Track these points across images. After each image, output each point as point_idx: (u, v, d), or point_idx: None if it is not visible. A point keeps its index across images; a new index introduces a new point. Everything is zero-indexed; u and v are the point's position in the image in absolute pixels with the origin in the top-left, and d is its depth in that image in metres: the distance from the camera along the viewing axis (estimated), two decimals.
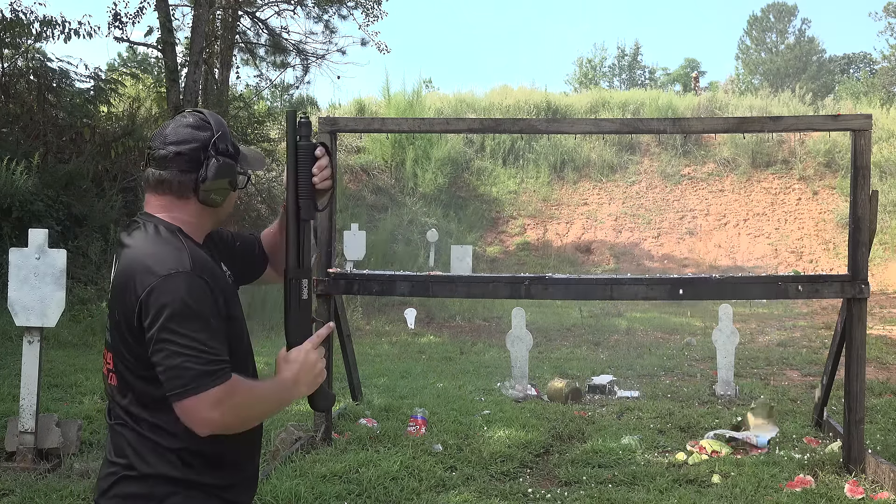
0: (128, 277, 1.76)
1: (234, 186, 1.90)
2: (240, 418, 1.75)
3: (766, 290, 5.26)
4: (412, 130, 10.97)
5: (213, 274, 1.82)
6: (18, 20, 12.27)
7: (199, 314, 1.71)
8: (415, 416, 5.91)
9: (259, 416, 1.84)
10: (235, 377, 1.73)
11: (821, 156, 19.43)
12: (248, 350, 1.97)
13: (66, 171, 11.48)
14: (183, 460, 1.78)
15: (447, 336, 11.05)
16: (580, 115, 21.00)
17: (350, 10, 17.63)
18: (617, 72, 52.56)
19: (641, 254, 17.80)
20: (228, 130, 1.95)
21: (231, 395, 1.70)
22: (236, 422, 1.75)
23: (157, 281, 1.71)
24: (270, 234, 2.15)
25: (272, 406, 1.88)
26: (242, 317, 1.94)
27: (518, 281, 5.33)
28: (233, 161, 1.90)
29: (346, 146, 19.94)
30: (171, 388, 1.68)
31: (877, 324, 11.80)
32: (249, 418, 1.79)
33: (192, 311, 1.70)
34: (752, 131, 6.27)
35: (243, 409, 1.74)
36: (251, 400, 1.77)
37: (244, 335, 1.94)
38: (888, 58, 38.07)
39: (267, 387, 1.82)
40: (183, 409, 1.69)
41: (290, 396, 1.86)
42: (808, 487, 4.53)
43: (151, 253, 1.77)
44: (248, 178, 1.99)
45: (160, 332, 1.69)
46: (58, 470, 4.78)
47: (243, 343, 1.93)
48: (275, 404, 1.88)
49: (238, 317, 1.89)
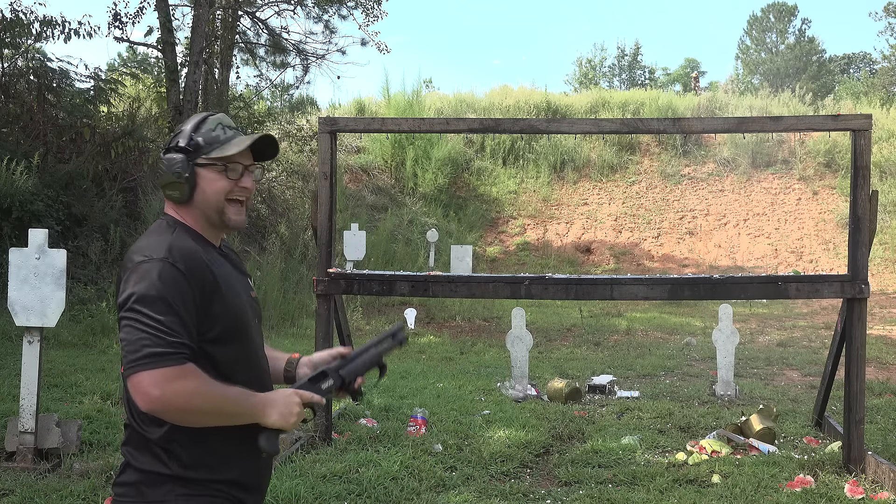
0: (122, 267, 1.87)
1: (181, 177, 1.90)
2: (182, 405, 1.74)
3: (766, 290, 5.26)
4: (412, 130, 10.97)
5: (194, 266, 1.83)
6: (18, 20, 12.27)
7: (163, 298, 1.75)
8: (415, 416, 5.91)
9: (207, 411, 1.78)
10: (192, 366, 1.75)
11: (821, 156, 19.43)
12: (252, 353, 1.97)
13: (66, 171, 11.47)
14: (169, 453, 1.80)
15: (447, 336, 11.05)
16: (580, 115, 21.00)
17: (350, 10, 17.63)
18: (617, 72, 52.58)
19: (641, 254, 17.80)
20: (204, 124, 1.94)
21: (178, 379, 1.72)
22: (177, 407, 1.74)
23: (132, 266, 1.81)
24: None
25: (226, 409, 1.80)
26: (246, 320, 1.95)
27: (518, 281, 5.33)
28: (182, 154, 1.91)
29: (346, 146, 19.94)
30: (125, 363, 1.74)
31: (877, 324, 11.80)
32: (193, 409, 1.76)
33: (157, 294, 1.75)
34: (752, 131, 6.27)
35: (187, 397, 1.73)
36: (201, 392, 1.75)
37: (244, 336, 1.94)
38: (888, 58, 38.07)
39: (230, 392, 1.80)
40: (131, 383, 1.73)
41: (255, 412, 1.83)
42: (808, 487, 4.53)
43: (140, 244, 1.88)
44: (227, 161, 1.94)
45: (126, 311, 1.76)
46: (58, 470, 4.78)
47: (244, 344, 1.94)
48: (230, 409, 1.81)
49: (225, 315, 1.88)
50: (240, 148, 1.93)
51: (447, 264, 13.68)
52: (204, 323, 1.83)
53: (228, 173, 1.93)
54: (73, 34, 12.61)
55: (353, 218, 15.50)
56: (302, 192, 17.12)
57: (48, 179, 11.03)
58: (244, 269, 2.09)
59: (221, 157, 1.92)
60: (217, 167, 1.92)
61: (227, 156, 1.92)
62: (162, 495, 1.80)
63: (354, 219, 15.27)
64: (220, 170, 1.92)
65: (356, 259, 13.17)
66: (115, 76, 15.37)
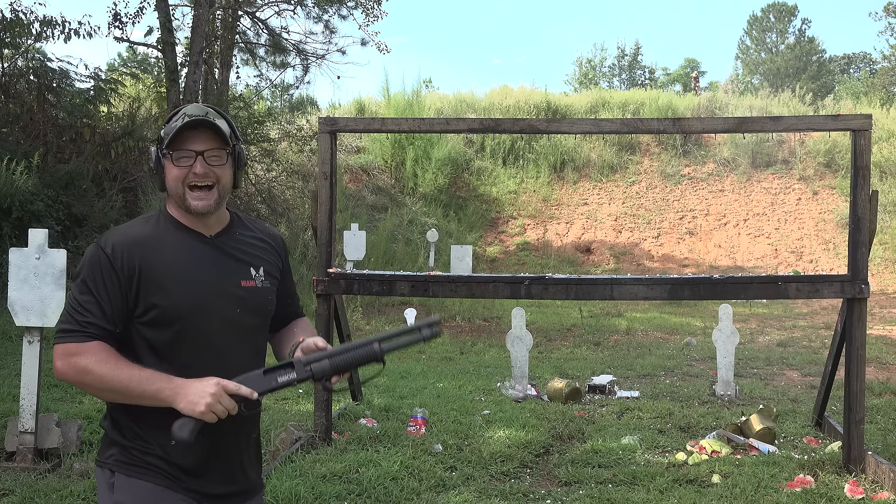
0: None
1: (152, 169, 2.04)
2: (76, 379, 1.89)
3: (766, 291, 5.26)
4: (412, 130, 10.98)
5: (126, 251, 1.93)
6: (18, 20, 12.27)
7: (84, 280, 1.93)
8: (415, 416, 5.91)
9: (100, 388, 1.88)
10: (95, 345, 1.88)
11: (821, 156, 19.43)
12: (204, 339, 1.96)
13: (66, 171, 11.47)
14: (114, 421, 1.97)
15: (447, 336, 11.04)
16: (580, 115, 21.00)
17: (350, 10, 17.63)
18: (617, 72, 52.60)
19: (641, 254, 17.80)
20: (174, 115, 2.00)
21: (75, 355, 1.87)
22: (73, 380, 1.89)
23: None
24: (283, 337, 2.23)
25: (122, 390, 1.86)
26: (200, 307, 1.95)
27: (518, 281, 5.33)
28: (155, 147, 2.03)
29: (346, 146, 19.94)
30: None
31: (877, 324, 11.80)
32: (86, 385, 1.89)
33: (81, 276, 1.94)
34: (752, 131, 6.27)
35: (79, 373, 1.87)
36: (92, 371, 1.86)
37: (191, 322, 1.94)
38: (888, 58, 38.07)
39: (132, 374, 1.86)
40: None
41: (162, 396, 1.85)
42: (808, 487, 4.53)
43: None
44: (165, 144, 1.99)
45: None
46: (58, 470, 4.78)
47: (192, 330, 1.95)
48: (129, 391, 1.86)
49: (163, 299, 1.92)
50: (169, 136, 1.97)
51: (447, 264, 13.68)
52: (137, 305, 1.93)
53: (174, 161, 1.98)
54: (73, 34, 12.61)
55: (353, 218, 15.50)
56: (302, 192, 17.12)
57: (48, 179, 11.03)
58: (248, 259, 2.09)
59: (171, 146, 1.98)
60: (171, 157, 1.98)
61: (174, 144, 1.98)
62: (106, 458, 1.98)
63: (354, 219, 15.27)
64: (172, 159, 1.99)
65: (356, 259, 13.17)
66: (115, 76, 15.38)
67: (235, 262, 2.07)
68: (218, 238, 2.06)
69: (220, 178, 2.01)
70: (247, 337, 2.06)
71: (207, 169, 1.98)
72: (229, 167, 2.04)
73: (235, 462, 2.05)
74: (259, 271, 2.10)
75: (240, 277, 2.06)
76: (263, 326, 2.13)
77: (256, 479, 2.15)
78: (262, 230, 2.20)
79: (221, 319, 2.00)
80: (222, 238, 2.07)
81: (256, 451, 2.17)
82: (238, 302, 2.03)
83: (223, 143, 2.01)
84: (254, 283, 2.08)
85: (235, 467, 2.06)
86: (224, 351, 1.99)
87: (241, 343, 2.04)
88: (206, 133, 1.99)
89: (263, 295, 2.10)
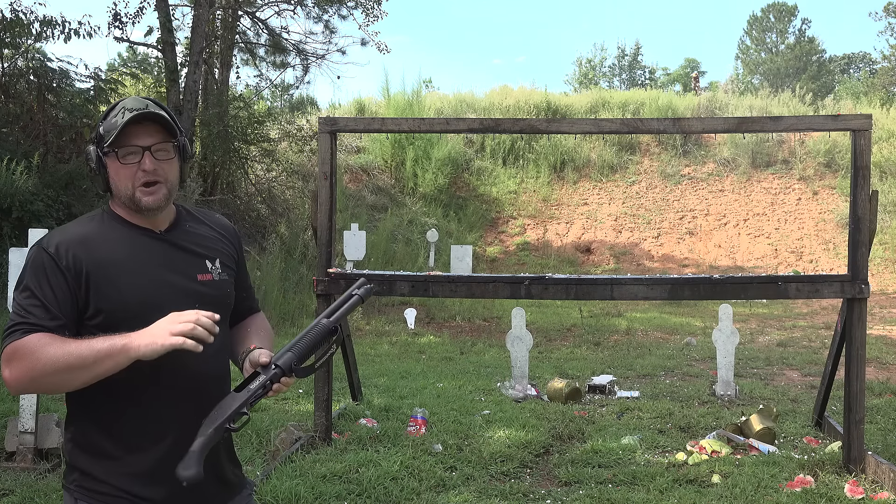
0: None
1: (92, 170, 1.92)
2: (30, 373, 1.71)
3: (766, 290, 5.26)
4: (412, 130, 10.97)
5: (70, 250, 1.81)
6: (18, 20, 12.26)
7: (28, 284, 1.81)
8: (415, 416, 5.91)
9: (58, 367, 1.70)
10: (40, 334, 1.73)
11: (821, 156, 19.43)
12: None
13: (66, 171, 11.47)
14: (76, 442, 1.90)
15: (447, 336, 11.04)
16: (580, 115, 21.00)
17: (350, 10, 17.63)
18: (617, 72, 52.63)
19: (641, 254, 17.80)
20: (111, 111, 1.89)
21: (22, 349, 1.72)
22: (27, 376, 1.72)
23: None
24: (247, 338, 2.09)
25: (79, 357, 1.71)
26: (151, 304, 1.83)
27: (518, 281, 5.33)
28: (93, 146, 1.91)
29: (346, 146, 19.94)
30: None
31: (877, 324, 11.80)
32: (43, 371, 1.71)
33: (25, 280, 1.82)
34: (752, 131, 6.27)
35: (33, 363, 1.71)
36: (46, 353, 1.71)
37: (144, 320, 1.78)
38: (888, 58, 38.08)
39: (83, 342, 1.72)
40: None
41: (116, 347, 1.70)
42: (808, 487, 4.53)
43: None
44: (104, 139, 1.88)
45: None
46: (58, 470, 4.78)
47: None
48: (87, 356, 1.71)
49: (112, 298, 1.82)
50: (114, 133, 1.84)
51: (447, 264, 13.67)
52: (87, 307, 1.81)
53: (121, 159, 1.86)
54: (73, 34, 12.60)
55: (353, 218, 15.49)
56: (302, 192, 17.12)
57: (48, 179, 11.03)
58: (202, 252, 1.99)
59: (115, 144, 1.85)
60: (116, 154, 1.86)
61: (118, 141, 1.85)
62: (70, 481, 1.92)
63: (354, 219, 15.26)
64: (118, 157, 1.86)
65: (356, 259, 13.17)
66: (115, 76, 15.36)
67: (190, 256, 1.97)
68: (168, 233, 1.96)
69: (168, 174, 1.90)
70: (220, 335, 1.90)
71: (156, 164, 1.87)
72: (177, 161, 1.94)
73: (210, 471, 1.83)
74: (215, 263, 2.01)
75: (196, 271, 1.96)
76: (222, 323, 1.92)
77: (236, 481, 2.04)
78: (213, 221, 2.11)
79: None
80: (173, 233, 1.97)
81: (227, 450, 2.02)
82: (196, 297, 1.91)
83: (169, 136, 1.90)
84: (211, 277, 1.98)
85: (211, 477, 1.87)
86: (178, 350, 1.76)
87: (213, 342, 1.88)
88: (151, 126, 1.88)
89: (222, 288, 2.01)
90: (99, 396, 1.84)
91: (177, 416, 1.85)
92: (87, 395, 1.83)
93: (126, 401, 1.84)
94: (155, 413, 1.85)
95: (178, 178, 1.96)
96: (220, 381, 1.96)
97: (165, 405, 1.86)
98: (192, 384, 1.88)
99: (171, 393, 1.86)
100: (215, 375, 1.95)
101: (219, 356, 1.96)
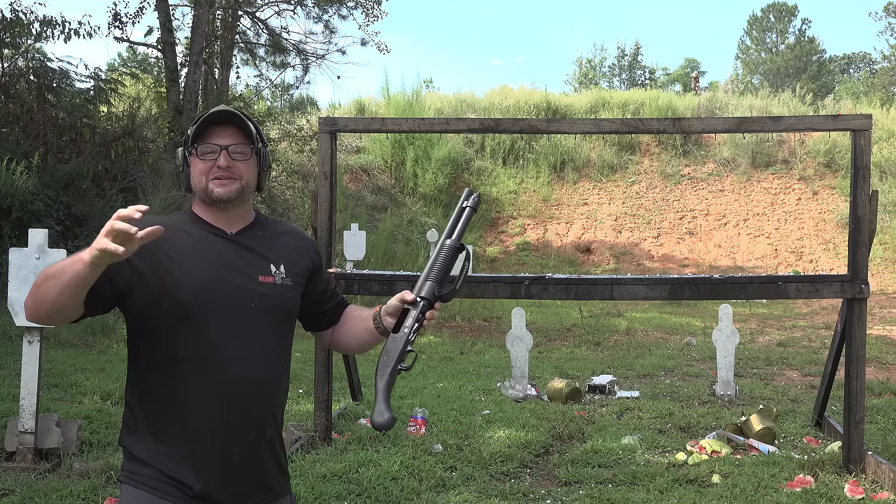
0: None
1: (178, 168, 2.05)
2: (35, 298, 1.80)
3: (766, 291, 5.26)
4: (412, 130, 10.98)
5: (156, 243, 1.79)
6: (18, 20, 12.27)
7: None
8: (415, 416, 5.91)
9: (48, 288, 1.76)
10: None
11: (821, 156, 19.43)
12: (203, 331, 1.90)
13: (66, 171, 11.47)
14: (128, 427, 1.96)
15: (447, 336, 11.04)
16: (580, 115, 21.01)
17: (350, 10, 17.65)
18: (617, 72, 52.63)
19: (641, 254, 17.81)
20: (201, 116, 2.03)
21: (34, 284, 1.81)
22: (33, 302, 1.81)
23: None
24: (354, 321, 2.17)
25: (57, 274, 1.74)
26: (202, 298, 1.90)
27: (518, 281, 5.33)
28: (182, 148, 2.04)
29: (346, 146, 19.94)
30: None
31: (877, 324, 11.80)
32: (42, 296, 1.77)
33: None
34: (752, 131, 6.27)
35: (35, 289, 1.80)
36: (39, 280, 1.79)
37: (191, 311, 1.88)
38: (888, 58, 38.10)
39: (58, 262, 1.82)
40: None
41: (80, 254, 1.71)
42: (808, 487, 4.53)
43: None
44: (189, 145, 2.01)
45: None
46: (58, 470, 4.78)
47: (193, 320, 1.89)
48: (63, 274, 1.73)
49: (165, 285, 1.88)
50: (192, 131, 1.99)
51: None
52: (142, 280, 1.88)
53: (200, 156, 1.98)
54: (73, 34, 12.62)
55: (353, 218, 15.50)
56: (302, 192, 17.12)
57: (48, 179, 11.03)
58: (269, 256, 2.04)
59: (196, 141, 1.99)
60: (196, 151, 1.99)
61: (199, 139, 1.99)
62: (120, 472, 1.98)
63: (354, 219, 15.27)
64: (198, 154, 1.99)
65: (356, 259, 13.17)
66: (115, 76, 15.38)
67: (255, 257, 2.01)
68: (238, 235, 2.02)
69: (243, 173, 2.00)
70: (254, 336, 1.95)
71: (231, 162, 1.97)
72: (254, 165, 2.02)
73: (248, 470, 1.94)
74: (280, 268, 2.04)
75: (258, 272, 2.00)
76: (278, 327, 2.00)
77: (277, 488, 2.06)
78: (289, 230, 2.17)
79: (228, 314, 1.92)
80: (243, 235, 2.03)
81: (273, 454, 2.04)
82: (253, 297, 1.96)
83: (248, 140, 2.01)
84: (272, 280, 2.01)
85: (249, 476, 1.95)
86: (226, 347, 1.90)
87: (245, 343, 1.93)
88: (231, 129, 1.99)
89: (283, 293, 2.02)
90: (153, 387, 1.93)
91: (220, 413, 1.91)
92: (141, 382, 1.94)
93: (173, 394, 1.91)
94: (200, 408, 1.90)
95: (255, 181, 2.05)
96: (267, 383, 1.99)
97: (210, 401, 1.91)
98: (236, 385, 1.92)
99: (215, 390, 1.91)
100: (262, 377, 1.97)
101: (268, 359, 1.99)
